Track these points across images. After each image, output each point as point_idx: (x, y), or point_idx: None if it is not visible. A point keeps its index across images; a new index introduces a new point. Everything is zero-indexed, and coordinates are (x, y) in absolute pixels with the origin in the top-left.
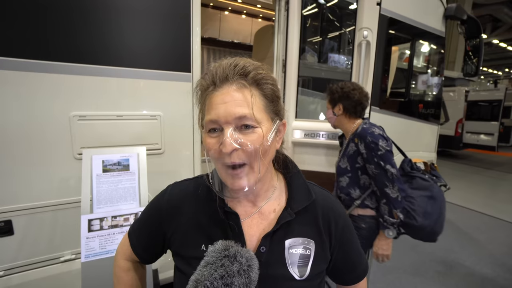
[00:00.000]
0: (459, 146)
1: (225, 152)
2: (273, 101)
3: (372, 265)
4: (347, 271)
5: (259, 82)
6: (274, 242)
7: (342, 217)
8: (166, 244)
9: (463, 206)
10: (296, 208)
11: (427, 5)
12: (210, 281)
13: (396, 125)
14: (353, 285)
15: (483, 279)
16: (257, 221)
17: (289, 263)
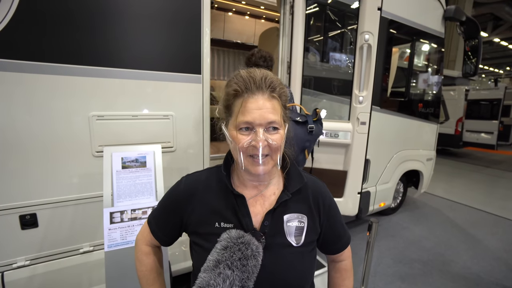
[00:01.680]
0: (459, 144)
1: (258, 147)
2: (285, 108)
3: (373, 262)
4: (333, 242)
5: (281, 95)
6: (274, 218)
7: (328, 198)
8: (183, 227)
9: (462, 203)
10: (292, 190)
11: (426, 7)
12: (231, 261)
13: (396, 124)
14: (339, 253)
15: (480, 273)
16: (260, 201)
17: (288, 233)
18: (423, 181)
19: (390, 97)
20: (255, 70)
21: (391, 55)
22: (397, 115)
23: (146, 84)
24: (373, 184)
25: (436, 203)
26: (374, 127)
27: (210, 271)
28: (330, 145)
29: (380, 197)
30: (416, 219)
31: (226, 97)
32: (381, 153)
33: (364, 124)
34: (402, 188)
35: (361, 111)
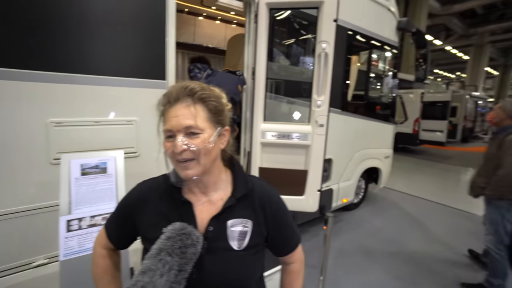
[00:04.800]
0: (416, 142)
1: (176, 152)
2: (216, 113)
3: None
4: (281, 245)
5: (204, 99)
6: (219, 223)
7: (276, 203)
8: (136, 231)
9: (417, 196)
10: (238, 195)
11: (382, 18)
12: (172, 249)
13: (357, 125)
14: (288, 256)
15: (426, 255)
16: (207, 207)
17: (230, 237)
18: (382, 177)
19: (351, 101)
20: (178, 83)
21: (351, 61)
22: (357, 117)
23: (107, 90)
24: (336, 182)
25: (394, 197)
26: (336, 129)
27: (153, 258)
28: (291, 147)
29: (343, 194)
30: (376, 212)
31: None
32: (343, 152)
33: (322, 126)
34: (363, 185)
35: (320, 114)
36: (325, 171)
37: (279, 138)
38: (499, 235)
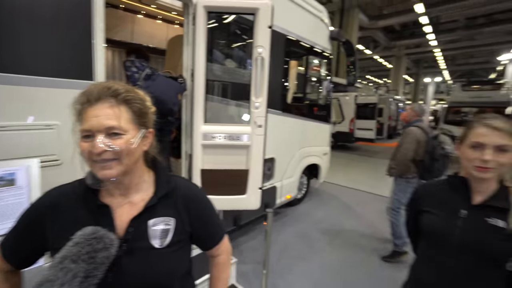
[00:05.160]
0: (352, 140)
1: (95, 152)
2: (140, 115)
3: (279, 248)
4: (206, 240)
5: (128, 101)
6: (140, 223)
7: (198, 201)
8: (44, 244)
9: (353, 188)
10: (159, 195)
11: (317, 28)
12: (78, 256)
13: (297, 125)
14: (214, 249)
15: (362, 237)
16: (128, 209)
17: (151, 236)
18: (322, 173)
19: (291, 103)
20: (100, 83)
21: (290, 66)
22: (297, 117)
23: (23, 90)
24: (279, 179)
25: (334, 190)
26: (278, 129)
27: (54, 268)
28: (232, 147)
29: (286, 190)
30: (318, 205)
31: (74, 113)
32: (285, 151)
33: (260, 127)
34: (305, 180)
35: (258, 115)
36: (268, 169)
37: (220, 140)
38: (397, 203)
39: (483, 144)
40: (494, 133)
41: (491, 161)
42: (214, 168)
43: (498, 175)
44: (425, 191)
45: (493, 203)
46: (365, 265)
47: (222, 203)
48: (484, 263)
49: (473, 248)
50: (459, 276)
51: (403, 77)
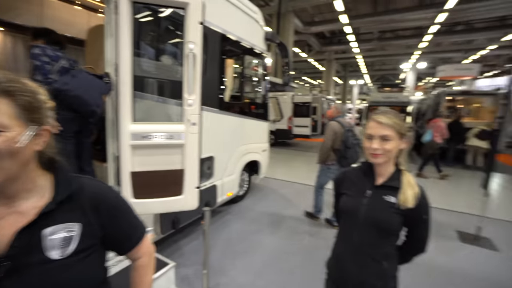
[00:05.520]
0: (291, 136)
1: None
2: (29, 110)
3: (221, 245)
4: (122, 241)
5: (11, 93)
6: (31, 234)
7: (110, 201)
8: None
9: (292, 181)
10: (59, 199)
11: (252, 28)
12: None
13: (236, 123)
14: (133, 251)
15: (298, 225)
16: (14, 220)
17: (48, 247)
18: (262, 169)
19: (229, 101)
20: None
21: (226, 64)
22: (235, 115)
23: None
24: (219, 178)
25: (274, 184)
26: (216, 127)
27: None
28: (166, 147)
29: (227, 188)
30: (259, 199)
31: None
32: (224, 149)
33: (194, 125)
34: (247, 177)
35: (191, 113)
36: (208, 168)
37: (151, 139)
38: (319, 184)
39: (372, 135)
40: (379, 126)
41: (378, 149)
42: (146, 170)
43: (388, 159)
44: (344, 176)
45: (389, 183)
46: (302, 251)
47: (158, 206)
48: (381, 233)
49: (373, 221)
50: (360, 245)
51: (334, 79)
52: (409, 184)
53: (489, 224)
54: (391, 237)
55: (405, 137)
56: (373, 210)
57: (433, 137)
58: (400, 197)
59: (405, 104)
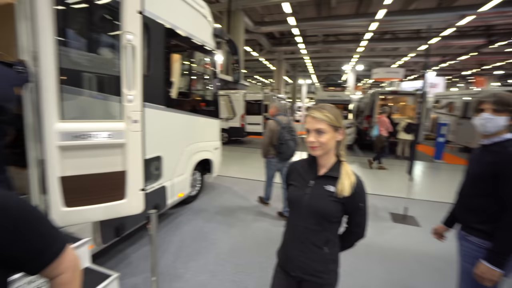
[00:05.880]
0: (244, 134)
1: None
2: None
3: (174, 247)
4: (34, 257)
5: None
6: None
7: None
8: None
9: (246, 178)
10: None
11: (200, 23)
12: None
13: (184, 121)
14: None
15: (252, 221)
16: None
17: None
18: (214, 167)
19: (177, 98)
20: None
21: (173, 59)
22: (184, 113)
23: None
24: (169, 178)
25: (228, 182)
26: (163, 125)
27: None
28: (103, 147)
29: (177, 189)
30: (213, 199)
31: None
32: (173, 148)
33: (136, 122)
34: (199, 176)
35: (132, 110)
36: (156, 169)
37: (86, 139)
38: (267, 176)
39: (309, 129)
40: (313, 121)
41: (315, 142)
42: (80, 174)
43: (327, 151)
44: (292, 168)
45: (330, 173)
46: (257, 245)
47: (97, 213)
48: (321, 221)
49: (314, 209)
50: (304, 232)
51: (284, 78)
52: (346, 174)
53: (414, 204)
54: (332, 224)
55: (340, 129)
56: (315, 199)
57: (380, 131)
58: (338, 186)
59: (347, 102)
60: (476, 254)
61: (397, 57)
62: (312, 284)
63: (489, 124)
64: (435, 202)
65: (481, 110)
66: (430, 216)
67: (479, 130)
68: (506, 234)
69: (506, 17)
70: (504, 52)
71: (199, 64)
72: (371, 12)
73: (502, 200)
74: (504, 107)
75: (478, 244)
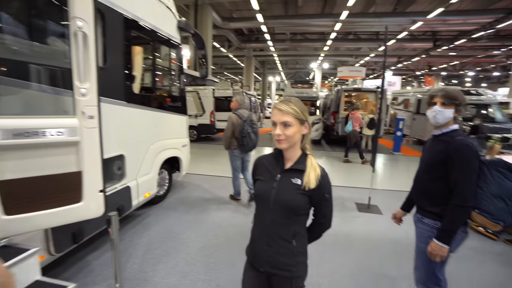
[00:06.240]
0: (214, 131)
1: None
2: None
3: (141, 250)
4: None
5: None
6: None
7: None
8: None
9: (216, 175)
10: None
11: (163, 15)
12: None
13: (148, 118)
14: None
15: (223, 219)
16: None
17: None
18: (183, 165)
19: (140, 93)
20: None
21: (133, 51)
22: (148, 109)
23: None
24: (133, 178)
25: (198, 180)
26: (125, 122)
27: None
28: (55, 146)
29: (143, 189)
30: (182, 198)
31: None
32: (136, 146)
33: (92, 118)
34: (167, 175)
35: (86, 104)
36: (119, 169)
37: (30, 137)
38: (232, 167)
39: (275, 122)
40: (280, 113)
41: (281, 135)
42: (23, 177)
43: (293, 144)
44: (258, 162)
45: (296, 166)
46: (228, 242)
47: (48, 220)
48: (289, 214)
49: (282, 203)
50: (272, 227)
51: (254, 75)
52: (312, 167)
53: (377, 194)
54: (300, 217)
55: (306, 123)
56: (282, 193)
57: (353, 127)
58: (304, 179)
59: (315, 98)
60: (429, 234)
61: (360, 56)
62: (281, 278)
63: (439, 116)
64: (395, 191)
65: (433, 103)
66: (391, 204)
67: (431, 122)
68: (453, 214)
69: (447, 25)
70: (448, 56)
71: (163, 58)
72: (335, 13)
73: (451, 185)
74: (451, 101)
75: (431, 225)
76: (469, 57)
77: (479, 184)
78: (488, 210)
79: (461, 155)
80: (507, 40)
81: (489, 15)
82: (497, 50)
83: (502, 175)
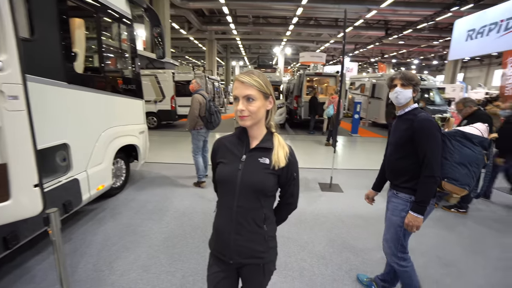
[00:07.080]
0: (175, 117)
1: None
2: None
3: (96, 248)
4: None
5: None
6: None
7: None
8: None
9: (178, 163)
10: None
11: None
12: None
13: (96, 102)
14: None
15: (186, 207)
16: None
17: None
18: (141, 153)
19: (84, 73)
20: None
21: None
22: (95, 91)
23: None
24: (81, 170)
25: (158, 169)
26: (67, 106)
27: None
28: None
29: (96, 181)
30: (141, 188)
31: None
32: (83, 134)
33: (16, 99)
34: (123, 165)
35: (5, 81)
36: (63, 160)
37: None
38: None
39: (237, 96)
40: (242, 86)
41: (244, 110)
42: None
43: (257, 121)
44: (219, 144)
45: (262, 145)
46: (193, 232)
47: None
48: (258, 196)
49: (250, 185)
50: (240, 212)
51: (217, 60)
52: (280, 145)
53: (338, 173)
54: (268, 199)
55: (270, 97)
56: (249, 174)
57: (334, 111)
58: (273, 157)
59: (278, 83)
60: (403, 207)
61: (320, 42)
62: (252, 267)
63: (400, 96)
64: (354, 170)
65: (394, 85)
66: (351, 182)
67: (394, 103)
68: (424, 186)
69: (397, 15)
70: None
71: (113, 35)
72: None
73: (420, 159)
74: (409, 81)
75: (406, 199)
76: (415, 46)
77: (444, 155)
78: (455, 177)
79: (425, 130)
80: (444, 32)
81: (430, 8)
82: (436, 40)
83: (461, 143)
